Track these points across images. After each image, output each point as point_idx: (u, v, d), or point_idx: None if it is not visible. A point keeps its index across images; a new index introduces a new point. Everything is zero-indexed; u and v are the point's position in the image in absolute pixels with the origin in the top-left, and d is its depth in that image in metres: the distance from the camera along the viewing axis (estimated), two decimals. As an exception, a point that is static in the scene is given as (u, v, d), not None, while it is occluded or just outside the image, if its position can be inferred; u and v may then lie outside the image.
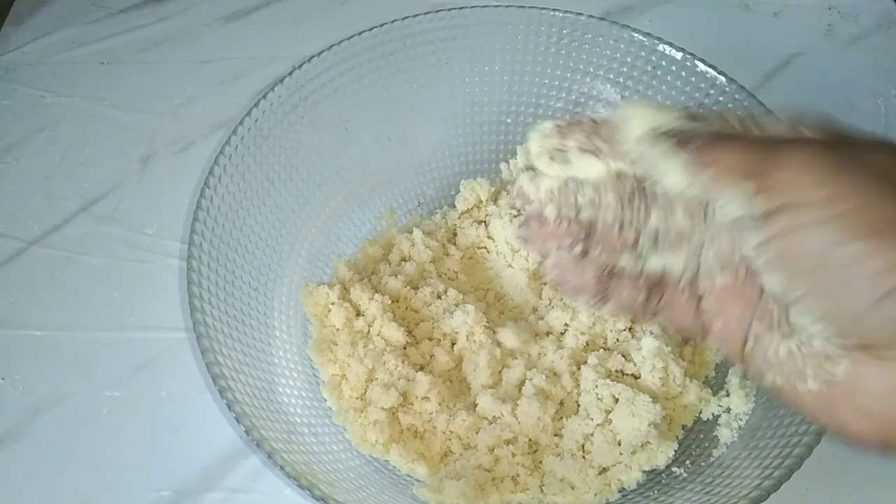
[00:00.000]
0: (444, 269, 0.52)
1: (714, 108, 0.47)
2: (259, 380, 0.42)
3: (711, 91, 0.48)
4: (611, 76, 0.51)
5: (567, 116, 0.53)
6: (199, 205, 0.43)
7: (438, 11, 0.50)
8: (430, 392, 0.45)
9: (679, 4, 0.70)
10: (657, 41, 0.49)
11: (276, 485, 0.46)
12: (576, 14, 0.50)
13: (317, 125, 0.50)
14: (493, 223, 0.52)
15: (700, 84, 0.48)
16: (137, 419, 0.49)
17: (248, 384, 0.40)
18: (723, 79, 0.47)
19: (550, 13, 0.50)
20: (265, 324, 0.46)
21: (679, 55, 0.49)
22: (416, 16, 0.50)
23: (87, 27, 0.69)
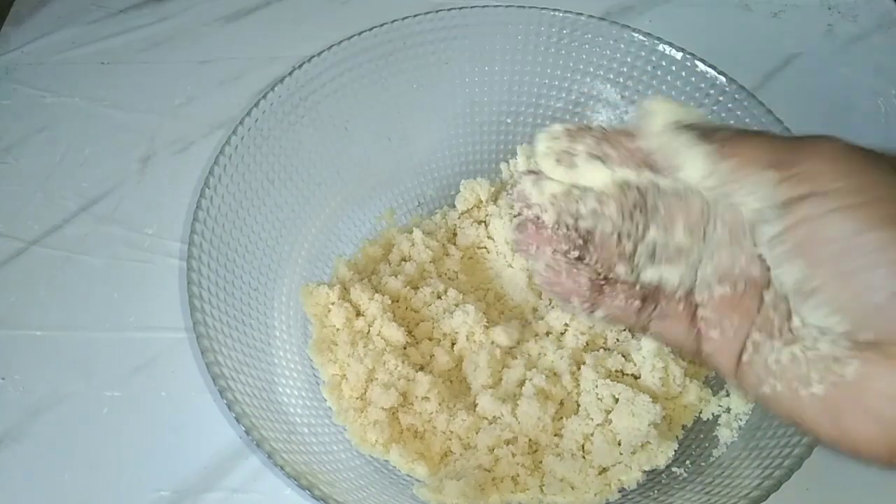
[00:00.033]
0: (444, 269, 0.52)
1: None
2: (259, 380, 0.42)
3: (711, 91, 0.48)
4: (611, 76, 0.51)
5: (569, 118, 0.53)
6: (199, 205, 0.43)
7: (438, 11, 0.50)
8: (430, 392, 0.45)
9: (679, 4, 0.70)
10: (657, 41, 0.49)
11: (276, 485, 0.46)
12: (576, 14, 0.50)
13: (317, 125, 0.50)
14: (493, 223, 0.52)
15: (700, 84, 0.48)
16: (137, 419, 0.49)
17: (248, 384, 0.40)
18: (723, 79, 0.47)
19: (550, 13, 0.50)
20: (265, 324, 0.46)
21: (679, 55, 0.49)
22: (416, 16, 0.50)
23: (87, 27, 0.69)
